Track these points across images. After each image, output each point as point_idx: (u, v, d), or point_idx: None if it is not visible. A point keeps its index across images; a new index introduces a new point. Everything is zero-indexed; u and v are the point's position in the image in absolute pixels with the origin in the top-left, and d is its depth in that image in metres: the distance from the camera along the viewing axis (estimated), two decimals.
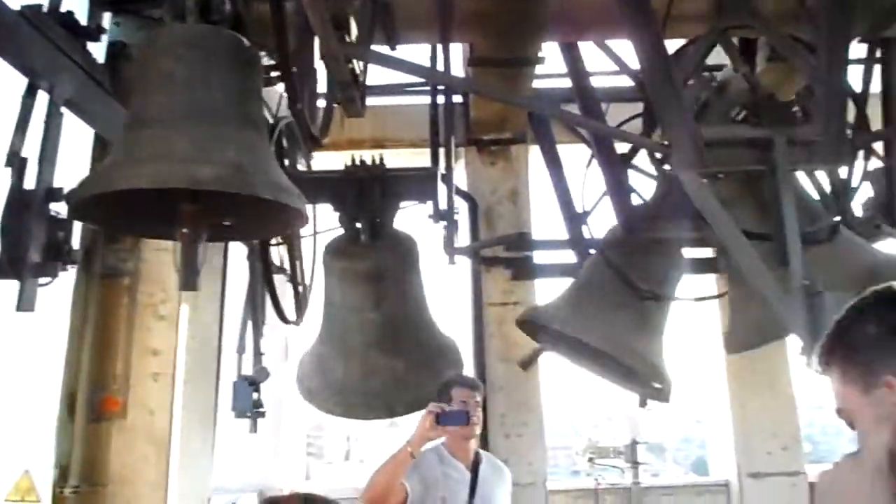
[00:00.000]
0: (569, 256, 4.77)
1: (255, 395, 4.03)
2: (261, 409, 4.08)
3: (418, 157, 4.76)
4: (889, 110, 4.23)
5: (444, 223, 4.13)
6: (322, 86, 3.74)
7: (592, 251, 4.31)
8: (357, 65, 3.37)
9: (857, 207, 4.31)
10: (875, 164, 4.19)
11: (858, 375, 1.05)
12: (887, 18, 3.48)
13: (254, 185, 2.03)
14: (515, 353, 5.07)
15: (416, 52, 4.64)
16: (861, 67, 4.36)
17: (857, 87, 4.31)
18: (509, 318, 5.11)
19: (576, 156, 4.78)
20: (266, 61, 3.10)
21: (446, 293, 5.93)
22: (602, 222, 4.49)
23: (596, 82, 4.36)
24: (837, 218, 3.84)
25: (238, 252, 4.45)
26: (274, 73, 3.19)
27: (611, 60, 4.22)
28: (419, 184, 4.03)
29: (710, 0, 3.41)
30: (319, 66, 3.36)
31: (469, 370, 5.26)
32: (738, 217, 3.31)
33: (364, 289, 3.68)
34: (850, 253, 3.68)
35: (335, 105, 3.90)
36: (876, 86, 4.28)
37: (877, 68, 4.25)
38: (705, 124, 3.18)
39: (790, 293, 2.70)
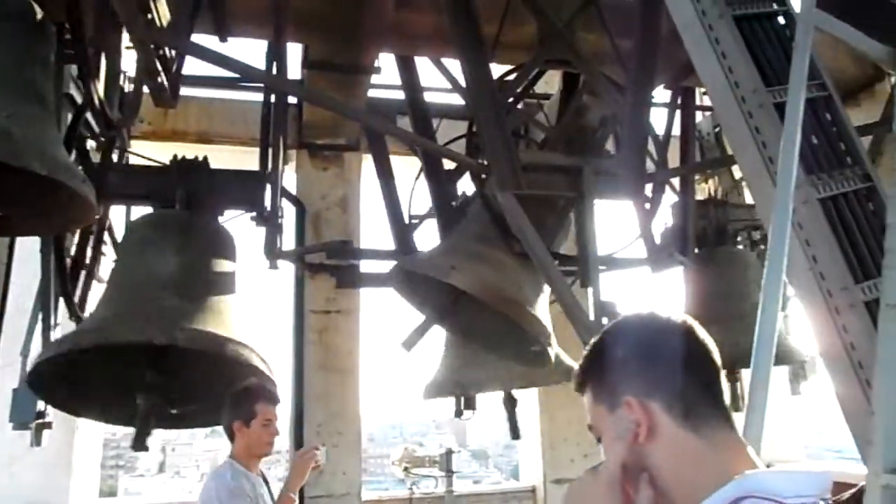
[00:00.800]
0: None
1: (39, 405, 3.64)
2: (46, 420, 3.68)
3: (247, 157, 4.58)
4: (686, 150, 4.71)
5: (268, 226, 4.00)
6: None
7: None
8: (170, 52, 3.17)
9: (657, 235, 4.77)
10: (673, 197, 4.67)
11: (606, 395, 1.12)
12: (684, 70, 3.85)
13: (21, 156, 1.80)
14: (335, 362, 5.01)
15: (257, 46, 4.47)
16: (665, 111, 4.86)
17: (661, 128, 4.78)
18: (331, 327, 5.03)
19: (409, 166, 4.84)
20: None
21: (269, 298, 5.74)
22: (430, 234, 4.58)
23: (431, 98, 4.46)
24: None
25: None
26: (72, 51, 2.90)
27: (445, 78, 4.34)
28: (244, 186, 3.88)
29: (534, 32, 3.60)
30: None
31: (287, 378, 5.13)
32: (552, 240, 3.50)
33: (168, 268, 3.18)
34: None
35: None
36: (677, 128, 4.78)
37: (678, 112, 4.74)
38: (524, 149, 3.33)
39: (591, 316, 2.89)
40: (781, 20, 2.39)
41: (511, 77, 3.63)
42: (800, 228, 2.13)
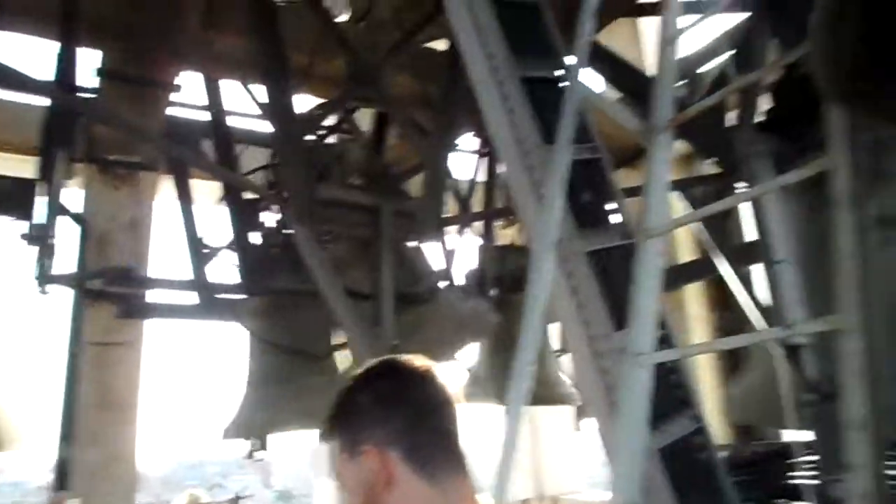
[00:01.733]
0: (191, 297, 4.50)
1: None
2: None
3: (27, 166, 4.10)
4: (489, 196, 4.95)
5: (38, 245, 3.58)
6: None
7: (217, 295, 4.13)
8: None
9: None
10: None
11: (348, 443, 1.10)
12: None
13: None
14: (113, 399, 4.56)
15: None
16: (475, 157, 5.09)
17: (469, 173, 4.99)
18: (111, 360, 4.58)
19: (213, 190, 4.58)
20: None
21: (41, 327, 5.14)
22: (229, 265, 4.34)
23: (240, 122, 4.29)
24: (443, 282, 4.30)
25: None
26: None
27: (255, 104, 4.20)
28: (11, 197, 3.45)
29: (343, 67, 3.61)
30: None
31: (57, 415, 4.57)
32: (354, 277, 3.47)
33: None
34: (446, 311, 4.12)
35: None
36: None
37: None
38: (325, 184, 3.30)
39: (378, 351, 2.88)
40: (562, 85, 2.60)
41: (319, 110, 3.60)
42: (569, 278, 2.30)
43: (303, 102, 3.63)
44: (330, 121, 4.07)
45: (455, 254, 4.45)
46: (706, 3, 2.59)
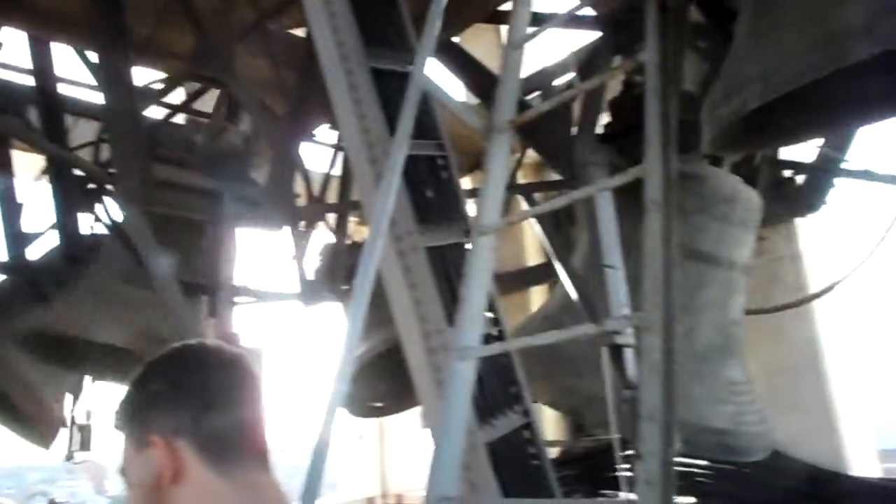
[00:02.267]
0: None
1: None
2: None
3: None
4: (344, 191, 4.86)
5: None
6: None
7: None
8: None
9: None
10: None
11: (136, 433, 1.01)
12: None
13: None
14: None
15: None
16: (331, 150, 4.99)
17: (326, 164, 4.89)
18: None
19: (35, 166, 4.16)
20: None
21: None
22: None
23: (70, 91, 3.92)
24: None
25: None
26: None
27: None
28: None
29: (190, 43, 3.40)
30: None
31: None
32: (189, 265, 3.27)
33: None
34: None
35: None
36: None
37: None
38: (161, 164, 3.09)
39: None
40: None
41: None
42: (408, 272, 2.29)
43: (143, 75, 3.38)
44: (175, 99, 3.83)
45: (305, 247, 4.35)
46: (557, 16, 2.69)
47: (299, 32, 4.01)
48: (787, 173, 3.83)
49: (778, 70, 0.98)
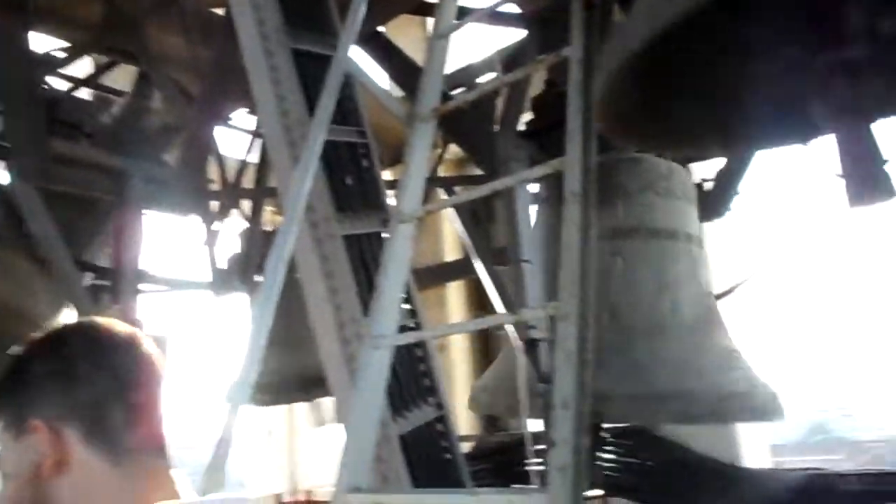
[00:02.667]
0: None
1: None
2: None
3: None
4: (261, 178, 4.71)
5: None
6: None
7: None
8: None
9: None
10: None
11: (14, 418, 0.92)
12: None
13: None
14: None
15: None
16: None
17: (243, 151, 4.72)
18: None
19: None
20: None
21: None
22: None
23: None
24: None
25: None
26: None
27: None
28: None
29: (98, 13, 3.20)
30: None
31: None
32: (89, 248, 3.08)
33: None
34: None
35: None
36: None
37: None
38: (61, 139, 2.89)
39: None
40: None
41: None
42: (324, 261, 2.23)
43: (44, 43, 3.15)
44: (80, 71, 3.61)
45: (217, 235, 4.19)
46: (482, 10, 2.68)
47: (218, 11, 3.86)
48: (696, 178, 4.00)
49: (663, 4, 0.99)
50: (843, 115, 1.13)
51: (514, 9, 3.54)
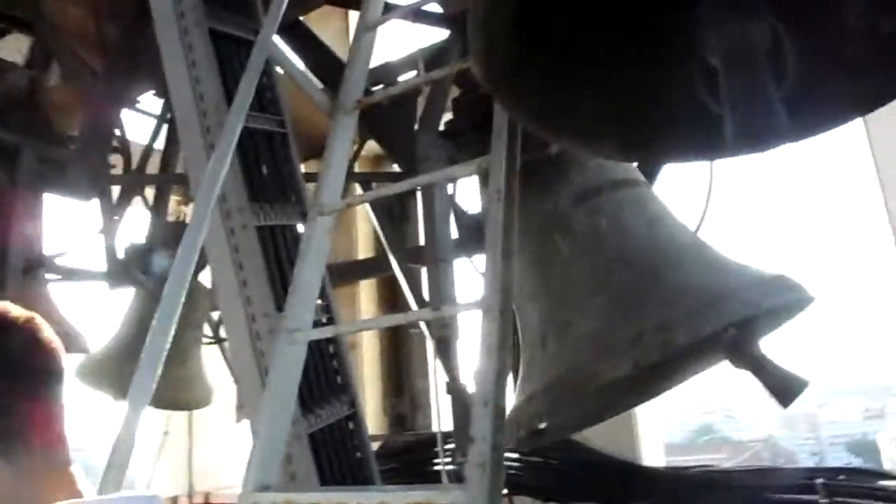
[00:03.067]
0: None
1: None
2: None
3: None
4: (166, 165, 4.49)
5: None
6: None
7: None
8: None
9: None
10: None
11: None
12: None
13: None
14: None
15: None
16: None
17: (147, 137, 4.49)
18: None
19: None
20: None
21: None
22: None
23: None
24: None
25: None
26: None
27: None
28: None
29: None
30: None
31: None
32: None
33: None
34: None
35: None
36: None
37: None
38: None
39: None
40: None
41: None
42: (236, 252, 2.15)
43: None
44: None
45: (117, 223, 3.96)
46: (408, 6, 2.66)
47: None
48: None
49: None
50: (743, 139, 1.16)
51: (437, 8, 3.55)
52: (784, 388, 1.83)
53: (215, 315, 4.42)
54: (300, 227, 2.33)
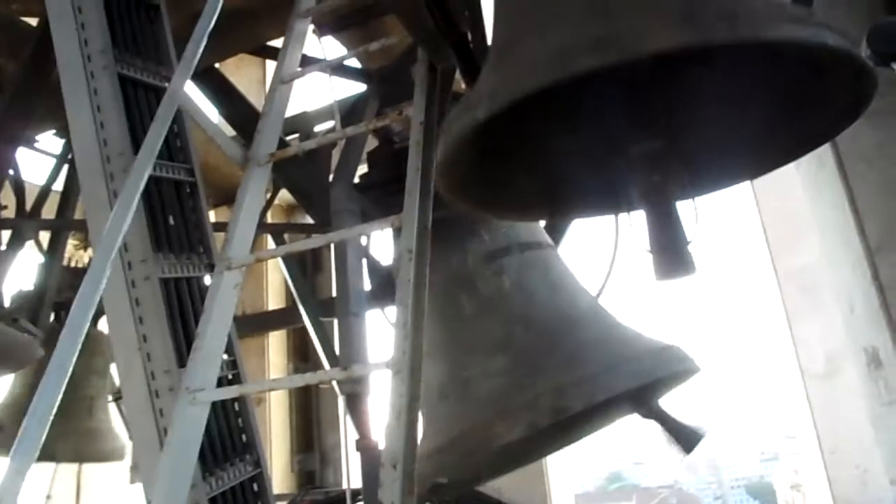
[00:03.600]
0: None
1: None
2: None
3: None
4: (64, 205, 4.26)
5: None
6: None
7: None
8: None
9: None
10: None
11: None
12: None
13: None
14: None
15: None
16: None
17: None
18: None
19: None
20: None
21: None
22: None
23: None
24: None
25: None
26: None
27: None
28: None
29: None
30: None
31: None
32: None
33: None
34: None
35: None
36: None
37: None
38: None
39: None
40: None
41: None
42: (137, 305, 2.05)
43: None
44: None
45: (7, 268, 3.72)
46: (326, 60, 2.68)
47: (30, 20, 3.52)
48: None
49: (506, 85, 1.07)
50: (649, 196, 1.26)
51: (356, 63, 3.60)
52: (686, 439, 1.93)
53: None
54: (207, 280, 2.25)
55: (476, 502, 3.97)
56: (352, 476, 2.97)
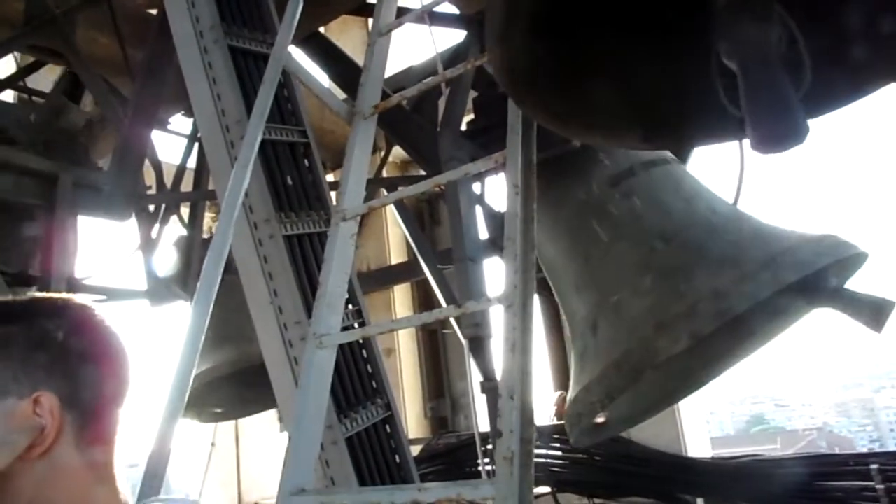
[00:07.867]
0: None
1: None
2: None
3: None
4: (200, 179, 4.58)
5: None
6: None
7: None
8: None
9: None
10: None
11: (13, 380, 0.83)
12: None
13: None
14: None
15: None
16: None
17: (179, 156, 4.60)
18: None
19: None
20: None
21: None
22: None
23: None
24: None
25: None
26: None
27: None
28: None
29: (21, 8, 3.05)
30: None
31: None
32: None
33: None
34: None
35: None
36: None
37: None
38: None
39: None
40: None
41: None
42: (265, 262, 2.19)
43: None
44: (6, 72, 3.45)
45: (155, 241, 4.06)
46: (420, 9, 2.68)
47: (150, 10, 3.75)
48: None
49: None
50: (745, 48, 1.08)
51: (453, 10, 3.56)
52: (875, 313, 1.71)
53: None
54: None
55: (611, 443, 3.96)
56: (482, 419, 3.06)
